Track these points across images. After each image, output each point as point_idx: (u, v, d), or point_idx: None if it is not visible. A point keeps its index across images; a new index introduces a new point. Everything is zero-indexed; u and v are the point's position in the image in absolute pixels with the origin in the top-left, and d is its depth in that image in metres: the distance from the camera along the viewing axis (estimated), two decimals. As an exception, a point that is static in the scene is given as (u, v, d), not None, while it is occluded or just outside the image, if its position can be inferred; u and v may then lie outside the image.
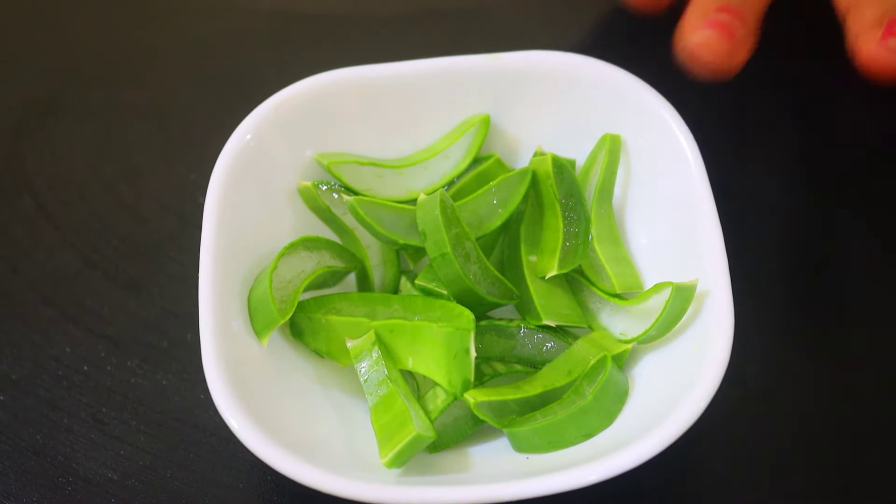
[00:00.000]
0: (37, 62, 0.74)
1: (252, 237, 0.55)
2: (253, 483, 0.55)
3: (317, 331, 0.54)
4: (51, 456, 0.56)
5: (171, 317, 0.61)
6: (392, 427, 0.50)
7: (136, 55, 0.74)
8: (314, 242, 0.56)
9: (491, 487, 0.47)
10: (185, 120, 0.71)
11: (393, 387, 0.51)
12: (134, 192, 0.67)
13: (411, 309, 0.54)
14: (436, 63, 0.59)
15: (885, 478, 0.55)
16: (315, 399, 0.54)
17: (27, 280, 0.63)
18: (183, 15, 0.76)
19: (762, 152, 0.67)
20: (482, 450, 0.53)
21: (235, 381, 0.49)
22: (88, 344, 0.60)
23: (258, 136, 0.56)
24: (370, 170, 0.58)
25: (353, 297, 0.55)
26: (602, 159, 0.58)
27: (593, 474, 0.47)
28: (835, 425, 0.56)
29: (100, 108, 0.71)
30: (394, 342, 0.53)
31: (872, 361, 0.59)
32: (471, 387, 0.51)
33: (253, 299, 0.53)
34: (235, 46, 0.73)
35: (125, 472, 0.56)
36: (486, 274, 0.54)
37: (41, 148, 0.69)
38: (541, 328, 0.54)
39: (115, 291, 0.62)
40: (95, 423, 0.57)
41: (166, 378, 0.59)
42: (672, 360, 0.52)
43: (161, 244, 0.64)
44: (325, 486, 0.47)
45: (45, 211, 0.66)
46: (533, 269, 0.56)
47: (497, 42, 0.66)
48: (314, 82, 0.58)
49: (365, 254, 0.58)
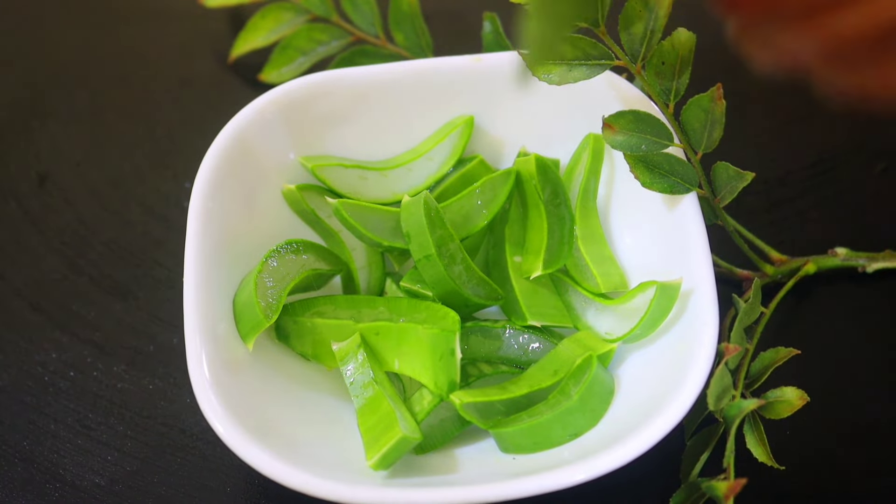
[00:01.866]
0: (20, 66, 0.73)
1: (237, 240, 0.55)
2: (240, 487, 0.55)
3: (302, 334, 0.54)
4: (37, 462, 0.56)
5: (157, 321, 0.61)
6: (378, 429, 0.50)
7: (120, 59, 0.74)
8: (299, 245, 0.56)
9: (478, 488, 0.47)
10: (170, 123, 0.70)
11: (379, 389, 0.51)
12: (119, 196, 0.67)
13: (397, 311, 0.54)
14: (419, 65, 0.59)
15: (878, 473, 0.55)
16: (301, 402, 0.54)
17: (12, 285, 0.63)
18: (167, 18, 0.76)
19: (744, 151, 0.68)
20: (469, 451, 0.53)
21: (221, 386, 0.49)
22: (74, 349, 0.60)
23: (243, 140, 0.56)
24: (354, 172, 0.58)
25: (339, 300, 0.55)
26: (586, 159, 0.58)
27: (580, 474, 0.47)
28: (820, 417, 0.56)
29: (84, 112, 0.71)
30: (379, 344, 0.53)
31: (860, 355, 0.59)
32: (457, 388, 0.51)
33: (238, 303, 0.53)
34: (220, 49, 0.73)
35: (112, 477, 0.56)
36: (471, 275, 0.54)
37: (26, 152, 0.69)
38: (526, 328, 0.54)
39: (101, 296, 0.62)
40: (82, 428, 0.57)
41: (153, 383, 0.59)
42: (658, 358, 0.52)
43: (147, 248, 0.64)
44: (312, 488, 0.47)
45: (30, 216, 0.66)
46: (518, 269, 0.56)
47: (479, 43, 0.66)
48: (298, 85, 0.58)
49: (350, 256, 0.58)
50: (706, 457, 0.51)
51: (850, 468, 0.55)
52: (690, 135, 0.53)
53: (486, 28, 0.65)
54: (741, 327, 0.52)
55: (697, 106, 0.52)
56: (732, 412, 0.49)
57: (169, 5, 0.77)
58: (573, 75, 0.52)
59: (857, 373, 0.58)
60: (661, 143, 0.52)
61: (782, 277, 0.60)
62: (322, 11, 0.69)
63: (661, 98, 0.52)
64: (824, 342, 0.59)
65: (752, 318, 0.54)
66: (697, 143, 0.53)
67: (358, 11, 0.69)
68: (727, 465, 0.49)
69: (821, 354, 0.58)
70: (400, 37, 0.68)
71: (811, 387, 0.51)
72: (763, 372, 0.53)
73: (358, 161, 0.59)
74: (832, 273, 0.61)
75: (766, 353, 0.53)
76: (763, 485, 0.53)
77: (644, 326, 0.52)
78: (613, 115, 0.52)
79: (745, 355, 0.53)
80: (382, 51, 0.68)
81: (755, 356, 0.53)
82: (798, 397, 0.51)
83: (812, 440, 0.56)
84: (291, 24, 0.69)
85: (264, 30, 0.69)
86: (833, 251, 0.60)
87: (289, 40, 0.69)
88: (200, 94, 0.72)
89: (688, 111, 0.52)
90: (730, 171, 0.53)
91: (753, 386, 0.53)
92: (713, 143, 0.52)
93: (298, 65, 0.69)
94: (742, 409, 0.49)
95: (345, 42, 0.69)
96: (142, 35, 0.75)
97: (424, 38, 0.67)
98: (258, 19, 0.69)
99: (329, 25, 0.69)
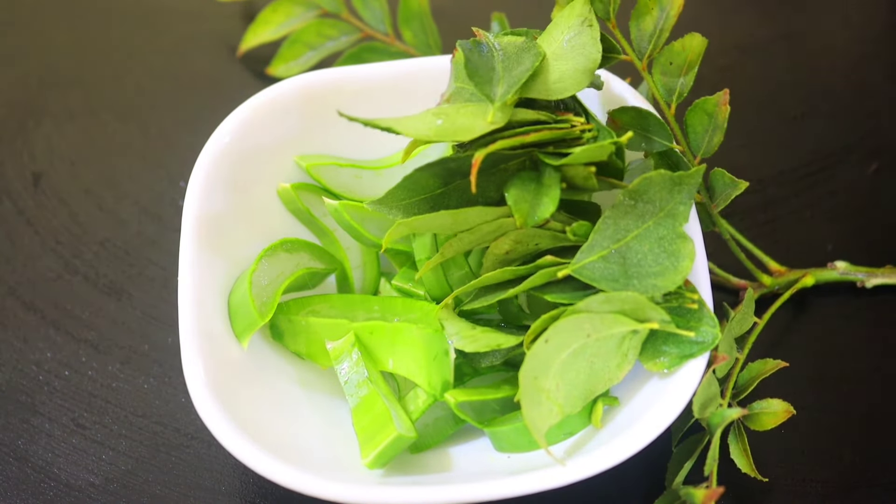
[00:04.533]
0: (15, 66, 0.73)
1: (232, 239, 0.55)
2: (235, 486, 0.55)
3: (297, 332, 0.54)
4: (32, 461, 0.56)
5: (152, 320, 0.61)
6: (373, 428, 0.50)
7: (114, 58, 0.74)
8: (293, 245, 0.56)
9: (473, 486, 0.47)
10: (164, 122, 0.70)
11: (373, 388, 0.51)
12: (114, 195, 0.67)
13: (391, 310, 0.54)
14: (415, 63, 0.59)
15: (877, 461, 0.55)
16: (296, 401, 0.54)
17: (7, 285, 0.63)
18: (161, 17, 0.76)
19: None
20: (464, 449, 0.53)
21: (216, 385, 0.49)
22: (69, 348, 0.60)
23: (238, 138, 0.56)
24: (349, 171, 0.58)
25: (333, 299, 0.55)
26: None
27: (575, 472, 0.47)
28: (820, 412, 0.56)
29: (78, 111, 0.71)
30: (374, 343, 0.53)
31: (856, 367, 0.59)
32: (451, 388, 0.51)
33: (233, 301, 0.53)
34: (214, 48, 0.73)
35: (107, 476, 0.55)
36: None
37: (20, 152, 0.69)
38: (521, 327, 0.54)
39: (96, 296, 0.62)
40: (77, 427, 0.57)
41: (147, 382, 0.59)
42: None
43: (141, 248, 0.64)
44: (307, 487, 0.47)
45: (25, 216, 0.66)
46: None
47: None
48: (294, 83, 0.57)
49: (345, 255, 0.58)
50: (690, 465, 0.51)
51: (844, 480, 0.55)
52: (691, 137, 0.53)
53: (495, 29, 0.65)
54: (731, 336, 0.52)
55: (702, 109, 0.52)
56: (716, 420, 0.49)
57: (162, 5, 0.77)
58: None
59: (853, 385, 0.58)
60: (660, 144, 0.52)
61: (779, 288, 0.60)
62: (332, 7, 0.70)
63: (664, 98, 0.52)
64: (821, 354, 0.59)
65: (744, 329, 0.54)
66: (697, 148, 0.53)
67: (368, 8, 0.70)
68: (708, 473, 0.49)
69: (815, 366, 0.58)
70: (408, 34, 0.69)
71: (804, 400, 0.51)
72: (750, 383, 0.53)
73: (353, 160, 0.59)
74: (831, 284, 0.61)
75: (753, 363, 0.53)
76: (749, 496, 0.54)
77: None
78: (617, 110, 0.52)
79: (734, 365, 0.53)
80: (390, 48, 0.69)
81: (745, 366, 0.54)
82: (784, 410, 0.51)
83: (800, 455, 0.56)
84: (301, 19, 0.70)
85: (274, 24, 0.70)
86: (832, 264, 0.60)
87: (298, 35, 0.70)
88: (194, 94, 0.72)
89: (692, 113, 0.53)
90: (726, 178, 0.53)
91: (740, 396, 0.53)
92: (712, 148, 0.53)
93: (307, 59, 0.70)
94: (725, 417, 0.49)
95: (353, 38, 0.70)
96: (136, 34, 0.75)
97: (433, 37, 0.68)
98: (269, 13, 0.71)
99: (339, 21, 0.70)
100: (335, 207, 0.54)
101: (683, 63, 0.51)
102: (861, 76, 0.72)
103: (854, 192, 0.66)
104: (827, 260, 0.61)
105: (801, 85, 0.72)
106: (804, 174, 0.67)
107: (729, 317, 0.53)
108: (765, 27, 0.74)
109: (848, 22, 0.75)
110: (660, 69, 0.52)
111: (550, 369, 0.47)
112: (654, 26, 0.51)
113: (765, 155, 0.67)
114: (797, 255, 0.62)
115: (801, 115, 0.70)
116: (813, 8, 0.76)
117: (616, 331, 0.47)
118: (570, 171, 0.49)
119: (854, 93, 0.71)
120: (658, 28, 0.51)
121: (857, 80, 0.71)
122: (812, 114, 0.70)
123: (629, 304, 0.47)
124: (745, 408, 0.51)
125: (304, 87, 0.58)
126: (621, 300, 0.47)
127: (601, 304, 0.47)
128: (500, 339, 0.50)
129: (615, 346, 0.48)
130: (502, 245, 0.49)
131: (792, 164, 0.67)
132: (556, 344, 0.47)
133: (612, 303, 0.47)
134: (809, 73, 0.72)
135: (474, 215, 0.48)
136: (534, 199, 0.48)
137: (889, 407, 0.57)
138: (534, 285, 0.49)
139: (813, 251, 0.63)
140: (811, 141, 0.68)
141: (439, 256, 0.50)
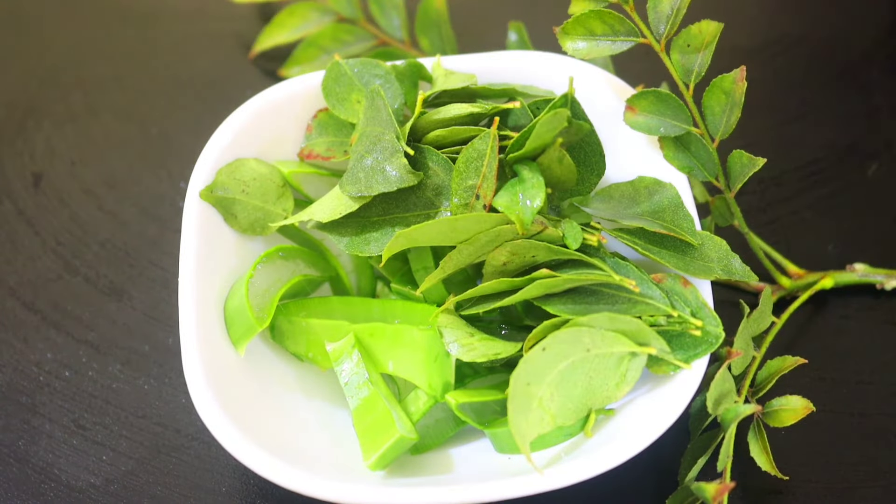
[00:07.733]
0: (15, 66, 0.73)
1: (233, 241, 0.55)
2: (236, 487, 0.55)
3: (297, 334, 0.54)
4: (32, 462, 0.56)
5: (152, 321, 0.61)
6: (375, 429, 0.50)
7: (114, 59, 0.74)
8: (289, 251, 0.55)
9: (474, 487, 0.47)
10: (165, 124, 0.70)
11: (374, 389, 0.51)
12: (114, 196, 0.67)
13: (391, 312, 0.54)
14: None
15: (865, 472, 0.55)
16: (297, 403, 0.54)
17: (7, 285, 0.63)
18: (162, 18, 0.76)
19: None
20: (464, 450, 0.53)
21: (217, 386, 0.49)
22: (69, 349, 0.60)
23: (237, 141, 0.56)
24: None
25: (333, 301, 0.55)
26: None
27: (575, 473, 0.47)
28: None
29: (79, 112, 0.71)
30: (374, 345, 0.53)
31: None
32: (451, 389, 0.51)
33: (229, 308, 0.53)
34: (214, 50, 0.73)
35: (107, 477, 0.55)
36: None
37: (21, 153, 0.69)
38: (522, 328, 0.54)
39: (96, 296, 0.62)
40: (77, 428, 0.57)
41: (148, 383, 0.59)
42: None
43: (142, 249, 0.64)
44: (309, 489, 0.47)
45: (25, 216, 0.66)
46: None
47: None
48: (295, 85, 0.57)
49: (337, 262, 0.57)
50: (704, 461, 0.51)
51: (861, 481, 0.55)
52: (709, 119, 0.54)
53: (512, 38, 0.65)
54: (748, 334, 0.52)
55: (719, 88, 0.53)
56: (729, 416, 0.49)
57: (163, 6, 0.77)
58: (599, 49, 0.53)
59: (872, 385, 0.58)
60: (679, 127, 0.53)
61: (798, 290, 0.60)
62: (349, 13, 0.70)
63: (682, 79, 0.53)
64: (838, 354, 0.59)
65: (762, 328, 0.54)
66: (715, 129, 0.53)
67: (385, 15, 0.70)
68: (722, 469, 0.49)
69: (836, 366, 0.58)
70: (425, 42, 0.69)
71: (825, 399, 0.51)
72: (768, 380, 0.53)
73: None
74: (850, 286, 0.61)
75: (772, 360, 0.53)
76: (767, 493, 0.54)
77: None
78: (634, 96, 0.53)
79: (751, 363, 0.54)
80: (405, 55, 0.69)
81: (763, 365, 0.54)
82: (804, 406, 0.51)
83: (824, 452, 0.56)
84: (318, 23, 0.70)
85: (289, 27, 0.70)
86: (851, 267, 0.60)
87: (313, 38, 0.70)
88: (195, 95, 0.72)
89: (710, 93, 0.53)
90: (744, 158, 0.53)
91: (759, 394, 0.53)
92: (730, 127, 0.53)
93: (320, 62, 0.70)
94: (738, 413, 0.49)
95: (369, 45, 0.70)
96: (136, 35, 0.75)
97: (450, 45, 0.68)
98: (285, 16, 0.71)
99: (355, 27, 0.70)
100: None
101: (701, 45, 0.52)
102: (861, 76, 0.72)
103: (854, 192, 0.66)
104: (828, 260, 0.62)
105: (801, 85, 0.72)
106: (804, 174, 0.67)
107: (743, 312, 0.53)
108: (765, 27, 0.75)
109: (848, 22, 0.75)
110: (678, 50, 0.53)
111: (545, 378, 0.47)
112: (671, 6, 0.52)
113: (765, 155, 0.67)
114: (798, 255, 0.62)
115: (801, 115, 0.70)
116: (813, 8, 0.76)
117: (616, 350, 0.48)
118: (545, 162, 0.49)
119: (854, 93, 0.71)
120: (674, 7, 0.52)
121: (857, 80, 0.72)
122: (812, 114, 0.70)
123: (632, 326, 0.48)
124: (762, 406, 0.51)
125: (305, 89, 0.57)
126: (625, 322, 0.48)
127: (604, 322, 0.48)
128: (497, 348, 0.50)
129: (614, 364, 0.48)
130: (499, 256, 0.49)
131: (792, 164, 0.67)
132: (553, 353, 0.47)
133: (615, 322, 0.48)
134: (809, 73, 0.72)
135: (473, 223, 0.48)
136: (523, 199, 0.48)
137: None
138: (532, 296, 0.49)
139: (814, 251, 0.63)
140: (811, 141, 0.68)
141: (440, 272, 0.50)
